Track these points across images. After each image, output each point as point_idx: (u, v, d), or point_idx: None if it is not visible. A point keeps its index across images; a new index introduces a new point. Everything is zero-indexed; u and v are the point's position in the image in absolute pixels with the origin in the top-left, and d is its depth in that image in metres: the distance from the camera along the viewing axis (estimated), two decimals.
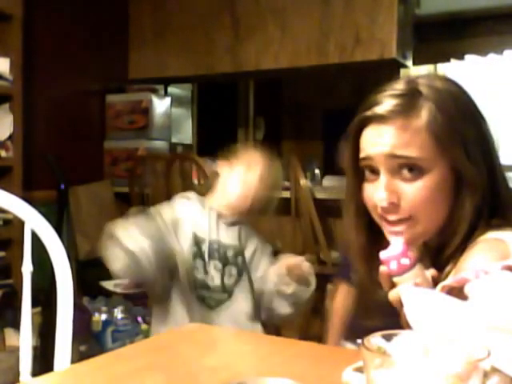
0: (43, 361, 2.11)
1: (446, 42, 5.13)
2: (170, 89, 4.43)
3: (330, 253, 2.83)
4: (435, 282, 0.81)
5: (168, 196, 1.98)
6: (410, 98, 0.93)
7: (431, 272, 0.87)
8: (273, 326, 1.91)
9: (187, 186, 3.08)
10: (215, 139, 5.04)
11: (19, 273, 1.17)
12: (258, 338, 1.07)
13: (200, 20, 3.88)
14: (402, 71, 4.97)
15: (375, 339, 0.55)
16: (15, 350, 1.97)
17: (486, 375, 0.49)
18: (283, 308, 1.77)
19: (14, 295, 2.73)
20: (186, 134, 4.64)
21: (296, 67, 3.66)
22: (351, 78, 5.26)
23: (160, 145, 3.94)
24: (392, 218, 0.94)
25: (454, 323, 0.61)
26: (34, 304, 1.20)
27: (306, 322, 3.13)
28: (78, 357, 1.87)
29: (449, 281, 0.70)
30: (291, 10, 3.58)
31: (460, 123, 0.93)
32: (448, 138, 0.91)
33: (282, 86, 5.68)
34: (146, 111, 3.83)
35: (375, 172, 0.95)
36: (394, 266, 0.83)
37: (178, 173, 3.08)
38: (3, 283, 2.91)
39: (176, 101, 4.33)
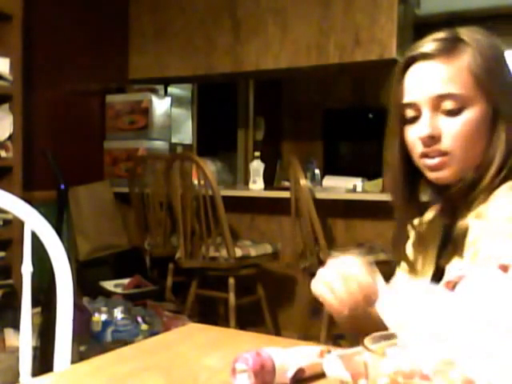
0: (43, 361, 2.11)
1: None
2: (170, 89, 4.44)
3: (330, 253, 2.83)
4: None
5: (168, 196, 1.98)
6: (453, 42, 0.99)
7: None
8: None
9: (187, 186, 3.09)
10: (215, 139, 5.07)
11: (19, 273, 1.17)
12: (257, 338, 1.07)
13: (200, 20, 3.88)
14: None
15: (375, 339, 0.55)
16: (15, 350, 1.97)
17: None
18: None
19: (14, 295, 2.73)
20: (186, 133, 4.65)
21: (296, 67, 3.66)
22: (351, 78, 5.26)
23: (160, 145, 3.94)
24: (433, 153, 0.99)
25: (440, 323, 0.61)
26: (34, 304, 1.20)
27: (306, 322, 3.13)
28: (78, 357, 1.87)
29: (453, 277, 0.70)
30: (291, 10, 3.58)
31: (497, 67, 1.01)
32: (487, 79, 0.98)
33: (281, 86, 5.67)
34: (146, 111, 3.83)
35: (417, 111, 1.01)
36: None
37: (178, 173, 3.08)
38: (3, 283, 2.91)
39: (176, 101, 4.34)
